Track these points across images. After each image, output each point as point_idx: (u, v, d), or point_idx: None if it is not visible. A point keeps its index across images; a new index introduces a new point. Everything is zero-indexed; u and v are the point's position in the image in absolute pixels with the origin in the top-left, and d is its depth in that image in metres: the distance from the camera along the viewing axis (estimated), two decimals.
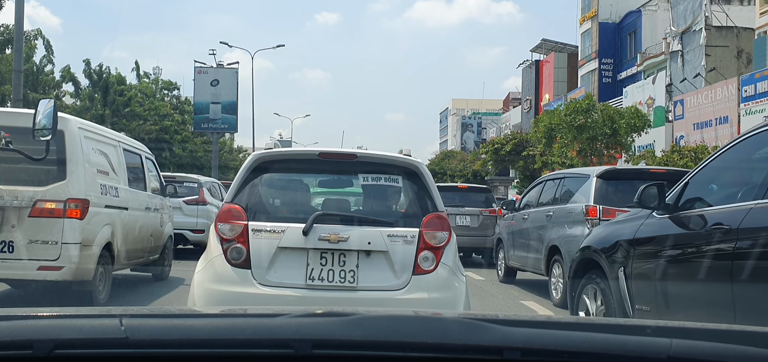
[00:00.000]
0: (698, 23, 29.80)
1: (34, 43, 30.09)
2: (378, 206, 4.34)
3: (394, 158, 4.30)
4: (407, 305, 3.74)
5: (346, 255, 3.79)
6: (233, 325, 1.32)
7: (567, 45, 45.41)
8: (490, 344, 1.20)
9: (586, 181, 7.73)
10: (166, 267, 9.04)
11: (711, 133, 24.17)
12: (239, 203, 3.90)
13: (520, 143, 29.71)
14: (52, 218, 5.85)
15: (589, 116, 22.07)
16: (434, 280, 3.84)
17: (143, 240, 7.87)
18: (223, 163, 40.11)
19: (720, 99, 24.28)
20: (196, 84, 34.17)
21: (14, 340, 1.15)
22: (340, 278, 3.78)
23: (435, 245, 3.86)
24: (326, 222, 3.82)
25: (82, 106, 33.81)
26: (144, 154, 8.41)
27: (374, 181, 4.25)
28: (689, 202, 4.03)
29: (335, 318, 1.27)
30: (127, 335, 1.17)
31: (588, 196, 7.48)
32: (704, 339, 1.29)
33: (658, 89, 29.42)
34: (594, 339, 1.26)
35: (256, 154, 4.22)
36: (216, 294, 3.77)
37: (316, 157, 4.19)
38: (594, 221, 7.22)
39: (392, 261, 3.82)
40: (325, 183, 4.65)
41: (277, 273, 3.77)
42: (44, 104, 4.96)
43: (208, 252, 3.93)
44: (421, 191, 4.09)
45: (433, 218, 3.92)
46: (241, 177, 4.02)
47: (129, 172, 7.54)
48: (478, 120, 70.85)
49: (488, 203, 13.51)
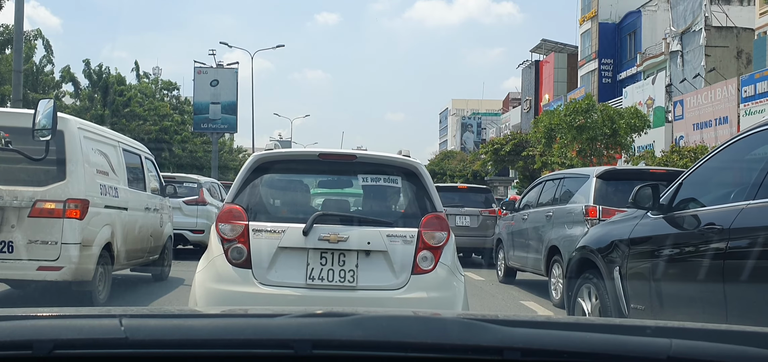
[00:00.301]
0: (698, 23, 29.80)
1: (34, 43, 30.12)
2: (377, 206, 4.37)
3: (393, 159, 4.32)
4: (406, 304, 3.75)
5: (345, 255, 3.81)
6: (233, 325, 1.32)
7: (567, 45, 45.43)
8: (490, 344, 1.20)
9: (585, 181, 7.73)
10: (166, 267, 9.05)
11: (711, 133, 24.17)
12: (240, 203, 3.91)
13: (520, 143, 29.70)
14: (52, 218, 5.85)
15: (588, 116, 22.06)
16: (433, 280, 3.85)
17: (143, 240, 7.87)
18: (222, 163, 40.12)
19: (720, 99, 24.29)
20: (196, 84, 34.18)
21: (14, 340, 1.15)
22: (340, 278, 3.79)
23: (434, 245, 3.88)
24: (326, 223, 3.84)
25: (81, 106, 33.83)
26: (143, 155, 8.41)
27: (373, 182, 4.28)
28: (683, 203, 4.04)
29: (335, 318, 1.27)
30: (126, 335, 1.17)
31: (588, 197, 7.48)
32: (704, 339, 1.30)
33: (658, 89, 29.42)
34: (594, 340, 1.27)
35: (256, 155, 4.24)
36: (217, 293, 3.79)
37: (316, 157, 4.20)
38: (594, 221, 7.22)
39: (391, 260, 3.83)
40: (325, 183, 4.66)
41: (277, 272, 3.78)
42: (44, 104, 4.96)
43: (210, 252, 3.95)
44: (420, 191, 4.11)
45: (432, 218, 3.94)
46: (242, 177, 4.04)
47: (128, 172, 7.54)
48: (478, 120, 70.85)
49: (488, 203, 13.51)
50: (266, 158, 4.23)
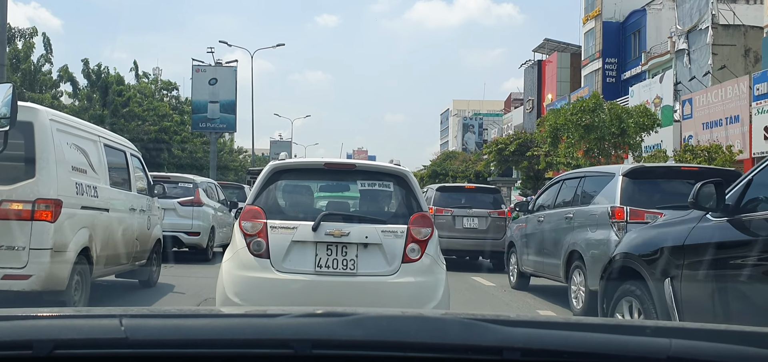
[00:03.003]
0: (704, 21, 29.30)
1: (32, 41, 29.54)
2: (373, 207, 5.09)
3: (386, 167, 5.15)
4: (398, 288, 4.46)
5: (347, 247, 4.49)
6: (233, 325, 1.33)
7: (570, 45, 45.07)
8: (490, 344, 1.20)
9: (610, 180, 7.08)
10: (155, 272, 8.40)
11: (721, 132, 23.48)
12: (259, 204, 4.61)
13: (525, 143, 28.99)
14: (19, 221, 5.20)
15: (596, 115, 21.38)
16: (420, 267, 4.54)
17: (127, 244, 7.22)
18: (223, 163, 39.58)
19: (730, 97, 23.62)
20: (194, 82, 33.37)
21: (14, 340, 1.15)
22: (343, 265, 4.47)
23: (420, 239, 4.56)
24: (331, 220, 4.52)
25: (80, 106, 33.19)
26: (129, 151, 7.74)
27: (370, 187, 5.07)
28: (753, 203, 3.45)
29: (335, 318, 1.26)
30: (126, 335, 1.17)
31: (613, 197, 6.83)
32: (704, 339, 1.29)
33: (666, 88, 28.79)
34: (593, 340, 1.26)
35: (272, 164, 4.97)
36: (242, 279, 4.47)
37: (323, 166, 5.01)
38: (620, 224, 6.59)
39: (385, 251, 4.50)
40: (330, 188, 5.57)
41: (291, 261, 4.45)
42: (3, 90, 4.32)
43: (234, 245, 4.62)
44: (408, 195, 4.83)
45: (419, 217, 4.64)
46: (260, 183, 4.73)
47: (111, 170, 6.89)
48: (480, 121, 70.43)
49: (497, 204, 12.81)
50: (281, 167, 4.94)
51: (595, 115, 21.27)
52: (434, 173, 46.48)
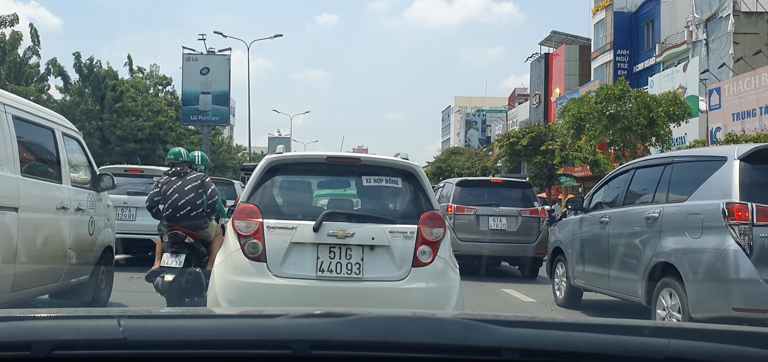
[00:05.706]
0: (725, 9, 27.61)
1: (19, 33, 27.65)
2: (380, 205, 4.65)
3: (393, 161, 4.64)
4: (408, 294, 4.10)
5: (352, 249, 4.14)
6: (232, 326, 1.32)
7: (578, 37, 43.72)
8: (489, 344, 1.20)
9: (720, 166, 5.11)
10: (103, 290, 6.45)
11: (755, 123, 21.55)
12: (254, 202, 4.24)
13: (538, 137, 27.10)
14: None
15: (622, 104, 19.45)
16: (432, 272, 4.19)
17: (55, 255, 5.27)
18: (221, 162, 37.87)
19: (766, 86, 21.69)
20: (184, 72, 31.19)
21: (13, 341, 1.14)
22: (347, 270, 4.11)
23: (432, 240, 4.20)
24: (334, 220, 4.16)
25: (71, 100, 31.32)
26: (60, 129, 5.72)
27: (376, 183, 4.56)
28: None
29: (333, 318, 1.25)
30: (125, 336, 1.17)
31: (728, 189, 4.89)
32: (702, 339, 1.29)
33: (691, 77, 26.88)
34: (592, 340, 1.26)
35: (268, 158, 4.58)
36: (235, 284, 4.12)
37: (324, 160, 4.53)
38: (742, 226, 4.66)
39: (393, 254, 4.15)
40: (333, 184, 5.05)
41: (290, 265, 4.11)
42: None
43: (226, 247, 4.29)
44: (418, 191, 4.45)
45: (430, 216, 4.27)
46: (255, 179, 4.35)
47: (26, 153, 4.95)
48: (483, 117, 68.89)
49: (528, 201, 10.79)
50: (278, 161, 4.49)
51: (622, 104, 19.34)
52: (439, 170, 44.69)
